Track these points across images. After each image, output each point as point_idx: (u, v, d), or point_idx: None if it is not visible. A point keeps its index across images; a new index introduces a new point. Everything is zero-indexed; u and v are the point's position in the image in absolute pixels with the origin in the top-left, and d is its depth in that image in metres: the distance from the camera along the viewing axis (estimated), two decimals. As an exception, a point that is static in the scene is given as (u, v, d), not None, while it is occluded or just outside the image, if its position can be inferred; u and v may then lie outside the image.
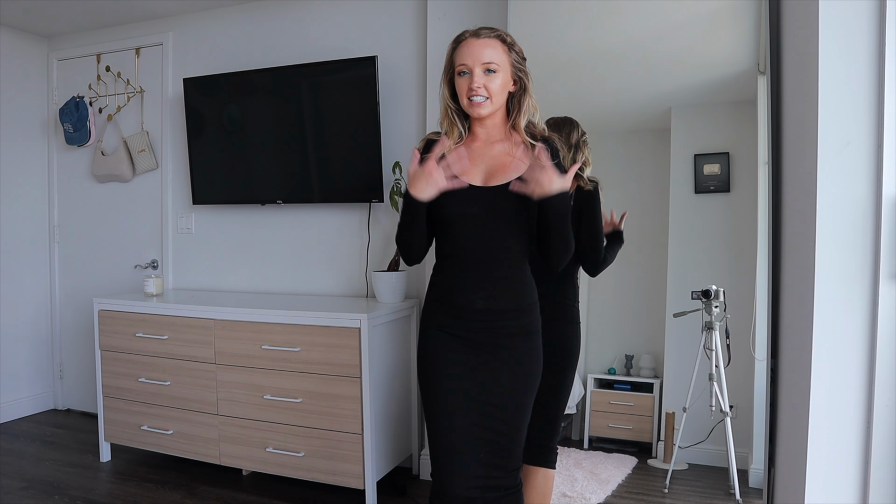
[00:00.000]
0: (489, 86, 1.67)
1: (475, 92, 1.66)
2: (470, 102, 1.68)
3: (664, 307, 2.61)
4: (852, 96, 1.35)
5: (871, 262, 1.33)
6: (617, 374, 2.80)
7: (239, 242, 3.51)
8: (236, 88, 3.29)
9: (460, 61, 1.69)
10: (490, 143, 1.75)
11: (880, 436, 1.33)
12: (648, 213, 2.70)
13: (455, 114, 1.75)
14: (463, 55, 1.69)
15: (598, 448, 2.82)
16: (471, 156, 1.73)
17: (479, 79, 1.66)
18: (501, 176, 1.69)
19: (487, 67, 1.67)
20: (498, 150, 1.74)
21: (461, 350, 1.71)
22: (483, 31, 1.70)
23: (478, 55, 1.67)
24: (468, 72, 1.67)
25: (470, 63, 1.67)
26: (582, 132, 2.26)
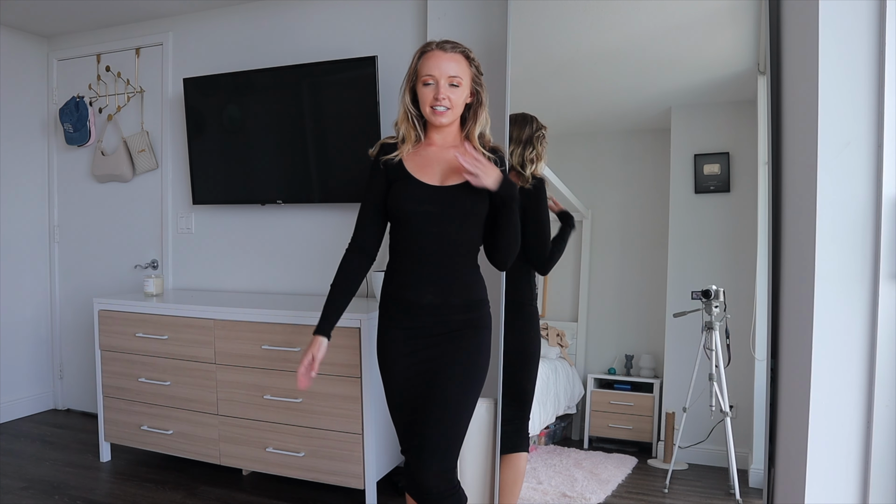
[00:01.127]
0: (452, 97, 1.79)
1: (440, 103, 1.79)
2: (433, 111, 1.81)
3: (664, 307, 2.61)
4: (852, 96, 1.35)
5: (870, 262, 1.33)
6: (617, 374, 2.80)
7: (239, 242, 3.51)
8: (236, 88, 3.29)
9: (427, 72, 1.80)
10: (445, 147, 1.88)
11: (880, 435, 1.33)
12: (648, 213, 2.70)
13: (415, 119, 1.87)
14: (430, 66, 1.80)
15: (598, 448, 2.82)
16: (428, 158, 1.86)
17: (444, 90, 1.78)
18: (457, 177, 1.80)
19: (452, 81, 1.79)
20: (453, 155, 1.83)
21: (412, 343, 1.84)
22: (448, 46, 1.82)
23: (444, 68, 1.79)
24: (434, 83, 1.79)
25: (437, 75, 1.79)
26: (537, 127, 2.40)
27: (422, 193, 1.82)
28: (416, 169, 1.85)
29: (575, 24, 2.62)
